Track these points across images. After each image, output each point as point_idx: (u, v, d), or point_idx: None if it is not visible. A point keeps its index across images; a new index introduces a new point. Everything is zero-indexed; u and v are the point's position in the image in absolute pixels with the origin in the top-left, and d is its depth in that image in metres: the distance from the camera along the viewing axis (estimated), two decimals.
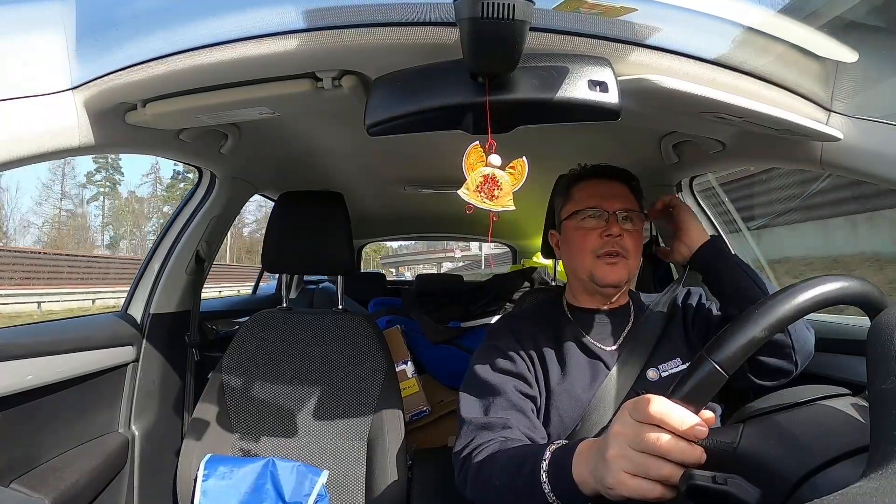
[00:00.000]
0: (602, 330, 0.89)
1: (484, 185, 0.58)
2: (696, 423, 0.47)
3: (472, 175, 0.58)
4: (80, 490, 0.97)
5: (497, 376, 0.83)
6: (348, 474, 1.15)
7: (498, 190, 0.58)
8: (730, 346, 0.48)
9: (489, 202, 0.58)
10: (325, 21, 0.60)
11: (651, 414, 0.48)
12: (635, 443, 0.49)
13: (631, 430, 0.49)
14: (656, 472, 0.48)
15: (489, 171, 0.58)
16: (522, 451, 0.68)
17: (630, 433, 0.49)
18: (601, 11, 0.54)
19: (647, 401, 0.49)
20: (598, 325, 0.90)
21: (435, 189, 1.83)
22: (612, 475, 0.50)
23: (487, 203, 0.58)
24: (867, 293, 0.48)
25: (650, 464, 0.48)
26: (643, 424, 0.49)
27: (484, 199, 0.58)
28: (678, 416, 0.48)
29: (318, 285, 2.61)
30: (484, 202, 0.58)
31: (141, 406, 1.20)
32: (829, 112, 0.71)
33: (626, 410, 0.51)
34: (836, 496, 0.31)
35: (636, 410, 0.50)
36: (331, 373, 1.21)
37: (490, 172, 0.58)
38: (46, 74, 0.68)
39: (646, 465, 0.48)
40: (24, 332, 0.95)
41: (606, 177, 0.92)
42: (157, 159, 31.54)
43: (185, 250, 1.30)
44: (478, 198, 0.58)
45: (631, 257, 0.86)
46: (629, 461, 0.49)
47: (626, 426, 0.50)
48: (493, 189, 0.58)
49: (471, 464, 0.73)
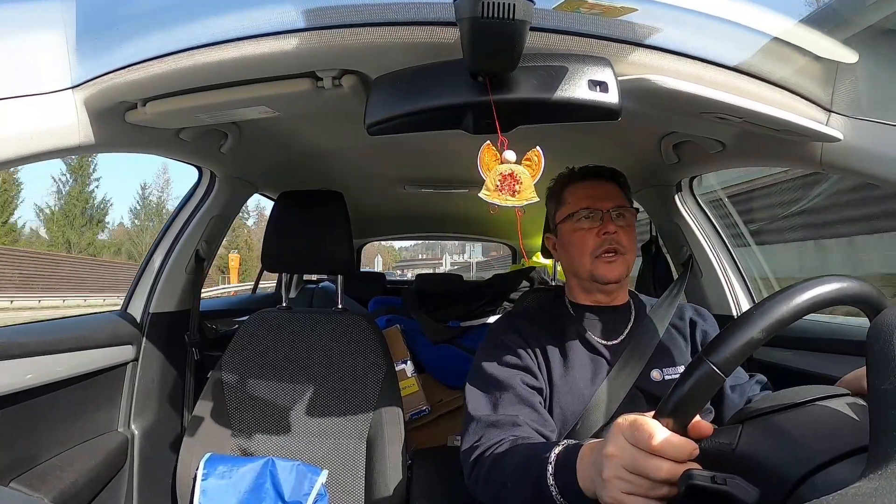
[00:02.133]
0: (604, 327, 0.90)
1: (504, 183, 0.57)
2: (692, 448, 0.47)
3: (490, 175, 0.58)
4: (80, 489, 0.97)
5: (504, 371, 0.84)
6: (348, 474, 1.15)
7: (518, 185, 0.58)
8: (728, 348, 0.47)
9: (512, 199, 0.57)
10: (325, 20, 0.60)
11: (653, 448, 0.47)
12: (632, 467, 0.48)
13: (627, 455, 0.49)
14: (655, 493, 0.48)
15: (507, 168, 0.58)
16: (529, 454, 0.68)
17: (626, 458, 0.49)
18: (601, 11, 0.54)
19: (647, 433, 0.47)
20: (599, 322, 0.90)
21: (435, 189, 1.83)
22: (610, 495, 0.50)
23: (511, 200, 0.57)
24: (866, 294, 0.48)
25: (648, 484, 0.48)
26: (640, 451, 0.48)
27: (507, 197, 0.57)
28: (676, 444, 0.47)
29: (318, 284, 2.62)
30: (507, 200, 0.57)
31: (140, 405, 1.20)
32: (829, 112, 0.71)
33: (619, 432, 0.50)
34: (836, 496, 0.31)
35: (632, 436, 0.49)
36: (330, 372, 1.21)
37: (508, 169, 0.58)
38: (46, 73, 0.68)
39: (644, 486, 0.48)
40: (23, 331, 0.95)
41: (596, 177, 0.93)
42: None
43: (184, 249, 1.30)
44: (500, 197, 0.57)
45: (628, 252, 0.88)
46: (626, 483, 0.49)
47: (622, 451, 0.49)
48: (514, 185, 0.57)
49: (482, 465, 0.73)
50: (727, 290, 1.27)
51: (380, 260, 20.86)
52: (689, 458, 0.47)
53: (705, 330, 0.92)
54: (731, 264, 1.29)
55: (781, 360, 1.12)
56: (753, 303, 1.18)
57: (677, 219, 1.32)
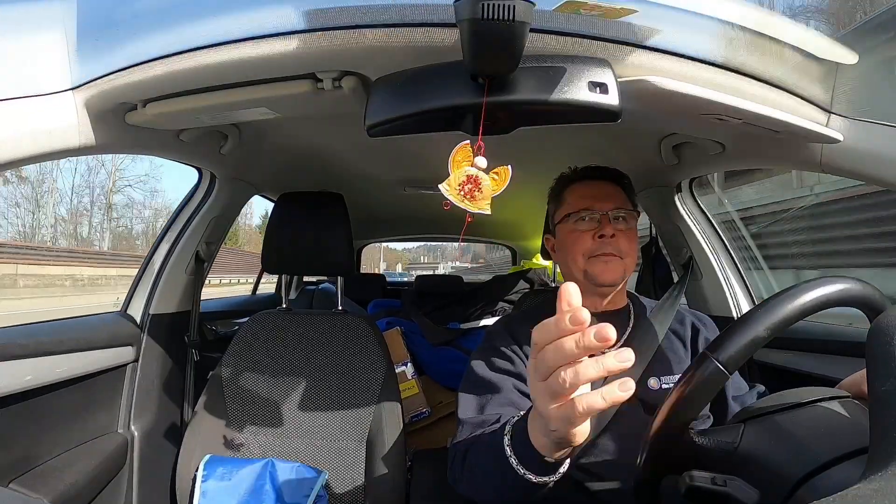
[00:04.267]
0: None
1: (465, 185, 0.58)
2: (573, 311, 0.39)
3: (456, 172, 0.58)
4: (80, 490, 0.97)
5: (495, 375, 0.83)
6: (348, 475, 1.14)
7: (478, 192, 0.57)
8: (733, 346, 0.47)
9: (467, 202, 0.57)
10: (325, 22, 0.60)
11: (535, 339, 0.42)
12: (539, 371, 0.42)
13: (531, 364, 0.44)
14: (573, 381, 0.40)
15: (473, 172, 0.58)
16: (490, 438, 0.64)
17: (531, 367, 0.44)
18: (601, 13, 0.54)
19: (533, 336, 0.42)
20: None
21: (435, 190, 1.82)
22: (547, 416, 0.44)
23: (466, 203, 0.57)
24: (868, 295, 0.48)
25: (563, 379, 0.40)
26: (536, 353, 0.42)
27: (463, 199, 0.57)
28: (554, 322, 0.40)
29: (318, 286, 2.62)
30: (462, 201, 0.57)
31: (140, 406, 1.20)
32: (829, 114, 0.71)
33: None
34: (836, 497, 0.31)
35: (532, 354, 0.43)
36: (330, 374, 1.21)
37: (474, 173, 0.58)
38: (46, 74, 0.68)
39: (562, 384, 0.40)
40: (23, 332, 0.95)
41: (597, 178, 0.91)
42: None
43: (184, 251, 1.30)
44: (457, 196, 0.58)
45: (626, 256, 0.86)
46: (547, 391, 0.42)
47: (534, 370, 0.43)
48: (474, 190, 0.58)
49: (457, 461, 0.73)
50: (727, 292, 1.27)
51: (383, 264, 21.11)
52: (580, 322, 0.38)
53: (707, 337, 0.90)
54: (731, 266, 1.29)
55: (783, 361, 1.12)
56: (754, 304, 1.18)
57: (677, 220, 1.32)
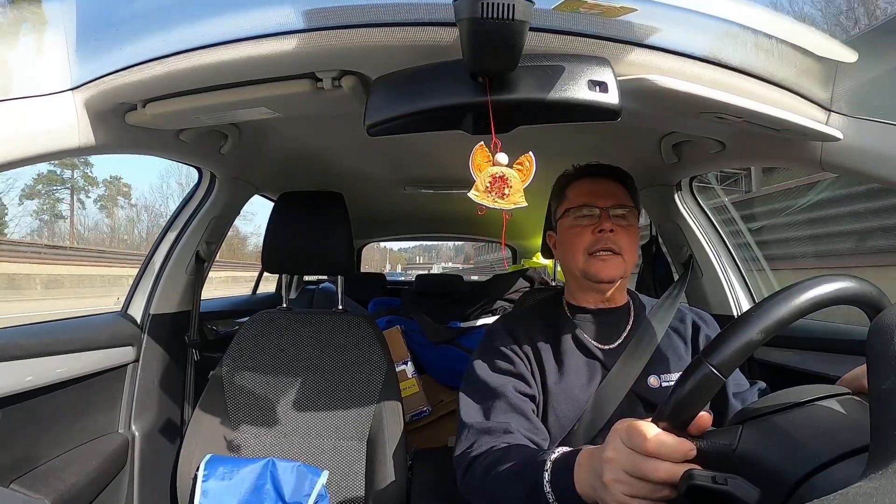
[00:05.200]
0: (601, 329, 0.88)
1: (494, 185, 0.58)
2: (688, 448, 0.47)
3: (481, 176, 0.58)
4: (80, 490, 0.97)
5: (496, 377, 0.83)
6: (348, 474, 1.15)
7: (508, 188, 0.58)
8: (727, 349, 0.47)
9: (501, 201, 0.58)
10: (324, 21, 0.60)
11: (648, 450, 0.48)
12: (631, 470, 0.49)
13: (626, 458, 0.49)
14: (657, 495, 0.48)
15: (498, 171, 0.58)
16: (524, 460, 0.67)
17: (626, 461, 0.49)
18: (601, 11, 0.54)
19: (641, 435, 0.48)
20: (596, 325, 0.89)
21: (435, 189, 1.83)
22: (613, 498, 0.50)
23: (499, 202, 0.58)
24: (866, 293, 0.48)
25: (649, 486, 0.48)
26: (638, 454, 0.48)
27: (495, 199, 0.58)
28: (671, 445, 0.47)
29: (318, 285, 2.62)
30: (496, 202, 0.58)
31: (141, 406, 1.20)
32: (829, 112, 0.71)
33: (618, 436, 0.51)
34: (837, 496, 0.31)
35: (630, 440, 0.49)
36: (331, 373, 1.21)
37: (499, 172, 0.58)
38: (46, 74, 0.68)
39: (645, 488, 0.48)
40: (23, 332, 0.95)
41: (599, 175, 0.91)
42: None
43: (185, 251, 1.30)
44: (489, 198, 0.58)
45: (625, 253, 0.85)
46: (627, 486, 0.49)
47: (620, 454, 0.50)
48: (504, 188, 0.58)
49: (474, 471, 0.73)
50: (727, 290, 1.27)
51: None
52: (686, 458, 0.47)
53: (708, 335, 0.90)
54: (731, 264, 1.29)
55: (782, 359, 1.12)
56: (754, 302, 1.18)
57: (677, 219, 1.32)
